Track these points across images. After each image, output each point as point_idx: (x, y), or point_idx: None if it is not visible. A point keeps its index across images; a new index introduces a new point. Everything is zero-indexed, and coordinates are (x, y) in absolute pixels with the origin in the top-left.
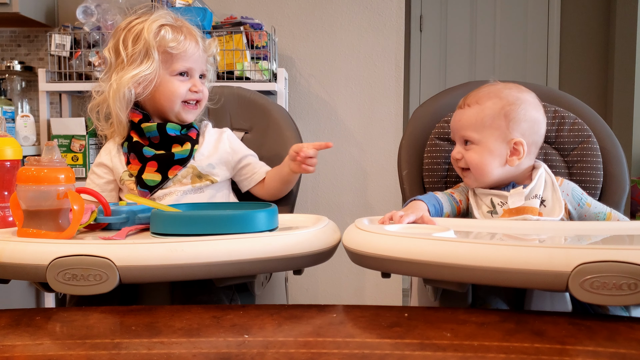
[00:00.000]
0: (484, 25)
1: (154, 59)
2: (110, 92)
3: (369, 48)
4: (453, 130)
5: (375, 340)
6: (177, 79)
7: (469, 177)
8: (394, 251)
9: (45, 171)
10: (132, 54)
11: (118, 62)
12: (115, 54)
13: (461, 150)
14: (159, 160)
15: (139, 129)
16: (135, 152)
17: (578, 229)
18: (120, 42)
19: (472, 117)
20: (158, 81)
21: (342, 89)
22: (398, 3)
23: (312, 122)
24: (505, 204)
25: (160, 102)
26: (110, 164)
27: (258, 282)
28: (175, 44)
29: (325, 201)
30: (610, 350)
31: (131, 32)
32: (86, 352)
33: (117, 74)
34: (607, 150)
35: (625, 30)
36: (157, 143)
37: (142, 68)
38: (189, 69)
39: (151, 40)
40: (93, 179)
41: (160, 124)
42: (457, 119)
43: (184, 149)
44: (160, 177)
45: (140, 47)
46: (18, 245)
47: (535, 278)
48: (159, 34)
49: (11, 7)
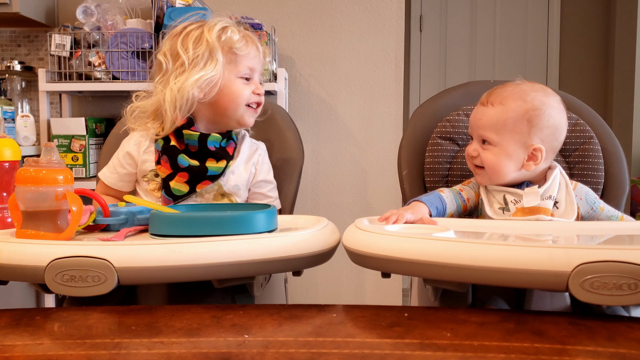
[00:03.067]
0: (484, 25)
1: (218, 61)
2: (169, 96)
3: (369, 48)
4: (472, 126)
5: (375, 340)
6: (241, 81)
7: (482, 175)
8: (394, 251)
9: (44, 172)
10: (194, 56)
11: (176, 65)
12: (173, 58)
13: (478, 148)
14: (191, 173)
15: (179, 133)
16: (168, 156)
17: (580, 229)
18: (179, 45)
19: (494, 117)
20: (222, 83)
21: (342, 89)
22: (398, 3)
23: (312, 122)
24: (519, 202)
25: (224, 105)
26: (137, 156)
27: (257, 283)
28: (241, 45)
29: (325, 201)
30: (610, 350)
31: (190, 35)
32: (86, 352)
33: (176, 78)
34: (608, 151)
35: (625, 30)
36: (193, 152)
37: (207, 70)
38: (252, 69)
39: (214, 41)
40: (116, 166)
41: (203, 135)
42: (479, 117)
43: (218, 166)
44: (187, 189)
45: (203, 49)
46: (16, 246)
47: (535, 278)
48: (222, 35)
49: (11, 7)
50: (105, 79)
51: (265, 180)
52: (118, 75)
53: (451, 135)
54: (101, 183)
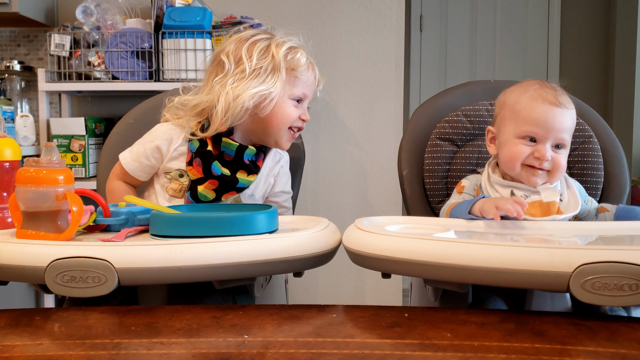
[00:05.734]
0: (484, 25)
1: (281, 78)
2: (224, 99)
3: (369, 48)
4: (548, 128)
5: (375, 340)
6: (292, 103)
7: (542, 177)
8: (394, 251)
9: (44, 172)
10: (257, 67)
11: (237, 70)
12: (236, 62)
13: (549, 149)
14: (222, 182)
15: (217, 139)
16: (202, 160)
17: (581, 229)
18: (244, 51)
19: (571, 120)
20: (276, 102)
21: (342, 89)
22: (398, 3)
23: (312, 122)
24: (529, 197)
25: (270, 122)
26: (167, 152)
27: (258, 284)
28: (304, 69)
29: (325, 201)
30: (611, 351)
31: (256, 45)
32: (86, 352)
33: (234, 83)
34: (608, 151)
35: (625, 30)
36: (227, 161)
37: (267, 84)
38: (305, 95)
39: (281, 59)
40: (140, 155)
41: (241, 147)
42: (560, 120)
43: (248, 179)
44: (214, 196)
45: (267, 62)
46: (16, 246)
47: (536, 279)
48: (289, 54)
49: (11, 7)
50: (105, 79)
51: (282, 191)
52: (117, 75)
53: (450, 136)
54: (120, 167)
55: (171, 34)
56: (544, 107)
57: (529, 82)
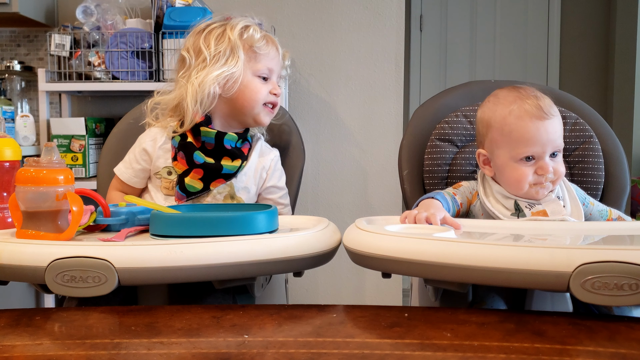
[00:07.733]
0: (484, 25)
1: (240, 58)
2: (190, 90)
3: (369, 48)
4: (543, 143)
5: (375, 340)
6: (259, 80)
7: (547, 187)
8: (395, 251)
9: (44, 172)
10: (215, 52)
11: (199, 61)
12: (196, 54)
13: (549, 162)
14: (206, 170)
15: (196, 130)
16: (185, 153)
17: (581, 229)
18: (202, 41)
19: (559, 125)
20: (241, 81)
21: (342, 89)
22: (398, 3)
23: (312, 122)
24: (534, 207)
25: (242, 102)
26: (153, 152)
27: (258, 284)
28: (262, 44)
29: (325, 201)
30: (611, 351)
31: (212, 32)
32: (86, 352)
33: (198, 73)
34: (608, 151)
35: (625, 30)
36: (209, 150)
37: (228, 66)
38: (270, 70)
39: (236, 39)
40: (131, 161)
41: (219, 133)
42: (552, 131)
43: (233, 165)
44: (202, 186)
45: (225, 46)
46: (17, 246)
47: (536, 278)
48: (244, 33)
49: (11, 7)
50: (105, 79)
51: (275, 186)
52: (118, 75)
53: (449, 136)
54: (117, 178)
55: (171, 34)
56: (533, 125)
57: (503, 93)
